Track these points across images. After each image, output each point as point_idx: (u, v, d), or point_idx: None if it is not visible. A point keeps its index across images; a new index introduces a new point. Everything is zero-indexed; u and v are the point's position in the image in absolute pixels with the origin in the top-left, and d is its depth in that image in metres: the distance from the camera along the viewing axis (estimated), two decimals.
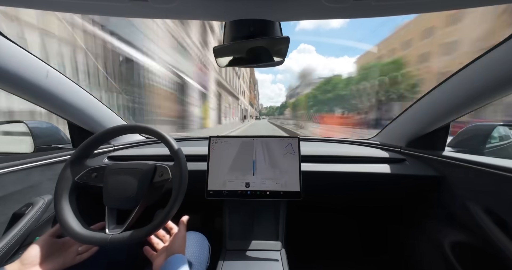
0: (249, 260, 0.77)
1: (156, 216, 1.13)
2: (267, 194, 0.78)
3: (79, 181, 0.61)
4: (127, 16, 0.48)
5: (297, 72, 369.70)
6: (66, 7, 0.43)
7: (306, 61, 35.65)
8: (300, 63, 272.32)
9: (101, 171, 0.62)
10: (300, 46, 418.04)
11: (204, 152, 0.82)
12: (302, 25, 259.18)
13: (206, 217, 1.36)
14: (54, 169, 0.83)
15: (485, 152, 0.95)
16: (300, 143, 0.81)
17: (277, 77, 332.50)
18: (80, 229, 0.54)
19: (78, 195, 0.61)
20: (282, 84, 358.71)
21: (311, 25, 21.77)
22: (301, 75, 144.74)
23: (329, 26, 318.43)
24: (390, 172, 0.90)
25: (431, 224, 0.96)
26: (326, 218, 1.40)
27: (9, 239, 0.64)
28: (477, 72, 0.66)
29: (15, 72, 0.63)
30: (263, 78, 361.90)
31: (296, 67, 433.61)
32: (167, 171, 0.61)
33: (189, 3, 0.40)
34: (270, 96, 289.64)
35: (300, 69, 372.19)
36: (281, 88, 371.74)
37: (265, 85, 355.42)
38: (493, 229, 0.66)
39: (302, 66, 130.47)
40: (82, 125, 0.95)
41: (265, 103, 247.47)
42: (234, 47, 0.52)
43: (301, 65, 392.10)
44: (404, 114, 1.00)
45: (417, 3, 0.38)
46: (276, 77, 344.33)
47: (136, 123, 0.67)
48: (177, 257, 0.53)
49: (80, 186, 0.61)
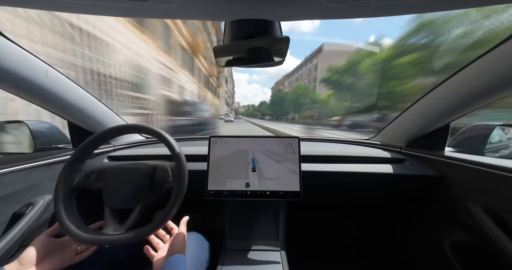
0: (249, 260, 0.77)
1: (156, 216, 1.13)
2: (267, 194, 0.78)
3: (79, 183, 0.61)
4: (127, 16, 0.48)
5: (271, 73, 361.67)
6: (66, 7, 0.43)
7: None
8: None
9: (100, 172, 0.62)
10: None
11: (204, 152, 0.82)
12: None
13: (206, 217, 1.36)
14: (54, 169, 0.83)
15: (485, 152, 0.95)
16: (300, 143, 0.81)
17: (253, 77, 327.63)
18: (80, 229, 0.54)
19: (77, 195, 0.61)
20: (258, 84, 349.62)
21: (285, 28, 20.62)
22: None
23: (301, 29, 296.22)
24: (390, 172, 0.90)
25: (431, 224, 0.96)
26: (326, 218, 1.40)
27: (9, 239, 0.64)
28: (477, 72, 0.66)
29: (15, 72, 0.63)
30: (239, 77, 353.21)
31: (271, 68, 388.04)
32: (167, 171, 0.61)
33: (189, 3, 0.40)
34: (246, 96, 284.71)
35: (274, 70, 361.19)
36: (257, 88, 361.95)
37: (241, 85, 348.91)
38: (493, 229, 0.66)
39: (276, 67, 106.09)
40: (82, 125, 0.95)
41: (241, 103, 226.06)
42: (234, 47, 0.52)
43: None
44: (404, 114, 1.00)
45: (417, 3, 0.38)
46: (252, 78, 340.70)
47: (136, 123, 0.67)
48: (177, 257, 0.53)
49: (79, 189, 0.61)
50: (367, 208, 1.35)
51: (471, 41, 14.23)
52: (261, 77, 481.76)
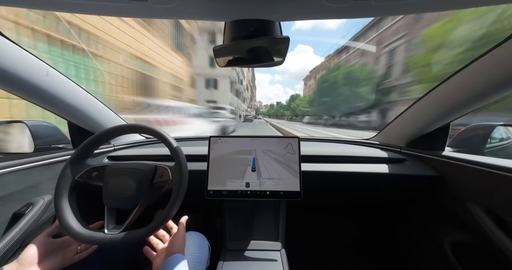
0: (249, 260, 0.77)
1: (156, 216, 1.13)
2: (267, 194, 0.78)
3: (80, 180, 0.61)
4: (127, 16, 0.48)
5: (294, 73, 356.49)
6: (66, 7, 0.43)
7: (303, 61, 31.09)
8: (297, 64, 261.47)
9: (101, 170, 0.62)
10: (297, 47, 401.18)
11: (204, 152, 0.82)
12: (299, 26, 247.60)
13: (206, 217, 1.36)
14: (54, 169, 0.83)
15: (485, 152, 0.95)
16: (300, 143, 0.81)
17: (275, 77, 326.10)
18: (80, 229, 0.54)
19: (78, 194, 0.61)
20: (280, 85, 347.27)
21: (308, 26, 18.62)
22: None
23: (326, 26, 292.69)
24: (390, 172, 0.90)
25: (431, 224, 0.96)
26: (326, 218, 1.40)
27: (9, 239, 0.64)
28: (477, 72, 0.66)
29: (15, 72, 0.63)
30: (261, 78, 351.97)
31: (293, 68, 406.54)
32: (167, 172, 0.61)
33: (189, 3, 0.40)
34: (268, 97, 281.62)
35: (297, 70, 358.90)
36: (279, 88, 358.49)
37: (263, 86, 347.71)
38: (493, 229, 0.66)
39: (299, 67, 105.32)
40: (82, 125, 0.95)
41: (264, 102, 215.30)
42: (234, 47, 0.52)
43: (298, 66, 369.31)
44: (404, 114, 1.00)
45: (417, 3, 0.38)
46: (274, 78, 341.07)
47: (136, 123, 0.66)
48: (176, 257, 0.53)
49: (80, 185, 0.61)
50: (367, 208, 1.35)
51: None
52: (284, 77, 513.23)
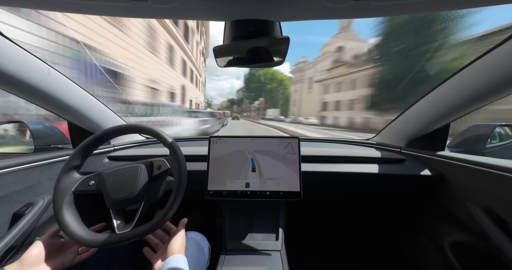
0: (249, 260, 0.77)
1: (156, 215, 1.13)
2: (267, 194, 0.78)
3: (77, 192, 0.60)
4: (127, 16, 0.48)
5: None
6: (66, 7, 0.43)
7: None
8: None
9: (96, 177, 0.62)
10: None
11: (204, 152, 0.82)
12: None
13: (206, 217, 1.36)
14: (54, 169, 0.83)
15: (485, 152, 0.95)
16: (300, 143, 0.81)
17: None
18: (82, 232, 0.54)
19: (77, 203, 0.61)
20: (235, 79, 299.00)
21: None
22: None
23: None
24: (390, 172, 0.90)
25: (431, 224, 0.96)
26: (326, 218, 1.40)
27: (9, 239, 0.64)
28: (477, 72, 0.66)
29: (15, 72, 0.63)
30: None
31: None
32: (164, 163, 0.61)
33: (189, 3, 0.40)
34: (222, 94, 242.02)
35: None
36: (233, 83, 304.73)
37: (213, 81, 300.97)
38: (493, 229, 0.66)
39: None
40: (82, 125, 0.95)
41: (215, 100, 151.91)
42: (234, 47, 0.52)
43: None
44: (404, 115, 1.00)
45: (417, 3, 0.38)
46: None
47: (135, 123, 0.66)
48: (176, 258, 0.53)
49: (78, 196, 0.60)
50: (367, 208, 1.35)
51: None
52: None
